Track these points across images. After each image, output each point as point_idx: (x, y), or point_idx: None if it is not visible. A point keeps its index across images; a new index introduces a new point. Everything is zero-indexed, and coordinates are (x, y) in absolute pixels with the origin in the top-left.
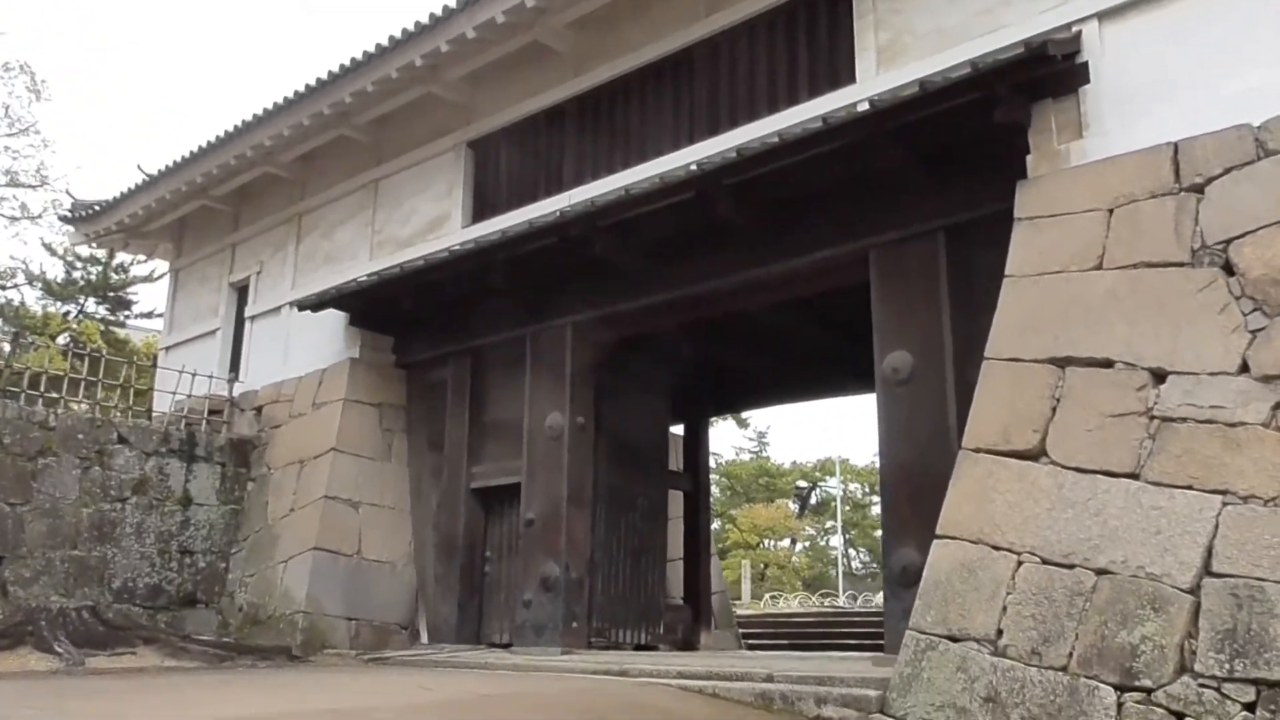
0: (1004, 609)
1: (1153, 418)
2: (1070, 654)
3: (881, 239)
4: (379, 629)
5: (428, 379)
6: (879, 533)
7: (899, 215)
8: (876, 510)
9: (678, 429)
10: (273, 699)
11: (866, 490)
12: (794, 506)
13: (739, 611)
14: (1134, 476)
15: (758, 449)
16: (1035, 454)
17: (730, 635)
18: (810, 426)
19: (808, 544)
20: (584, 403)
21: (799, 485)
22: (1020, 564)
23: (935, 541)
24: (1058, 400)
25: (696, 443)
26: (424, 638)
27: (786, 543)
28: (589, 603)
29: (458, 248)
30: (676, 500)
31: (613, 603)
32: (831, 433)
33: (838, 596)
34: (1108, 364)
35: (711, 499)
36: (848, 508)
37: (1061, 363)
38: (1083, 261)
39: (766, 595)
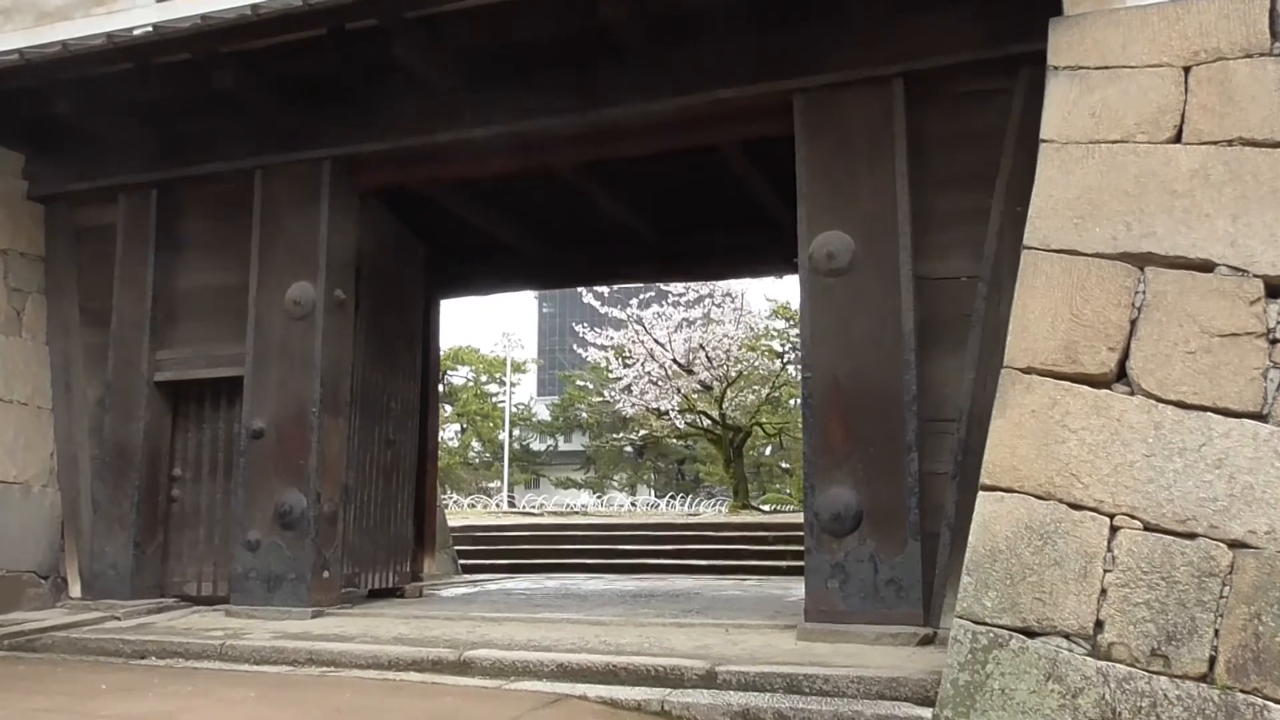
0: (1103, 592)
1: (1275, 341)
2: (1211, 658)
3: (814, 80)
4: (6, 581)
5: (84, 220)
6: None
7: (842, 51)
8: (499, 400)
9: None
10: None
11: (485, 380)
12: None
13: None
14: (1260, 417)
15: None
16: (1111, 378)
17: (448, 558)
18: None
19: None
20: (343, 271)
21: None
22: (1116, 529)
23: (982, 494)
24: (1138, 310)
25: (427, 327)
26: (74, 590)
27: None
28: (342, 543)
29: (165, 26)
30: None
31: (364, 538)
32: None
33: (504, 494)
34: (1206, 266)
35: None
36: (470, 397)
37: (1139, 260)
38: (1155, 131)
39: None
